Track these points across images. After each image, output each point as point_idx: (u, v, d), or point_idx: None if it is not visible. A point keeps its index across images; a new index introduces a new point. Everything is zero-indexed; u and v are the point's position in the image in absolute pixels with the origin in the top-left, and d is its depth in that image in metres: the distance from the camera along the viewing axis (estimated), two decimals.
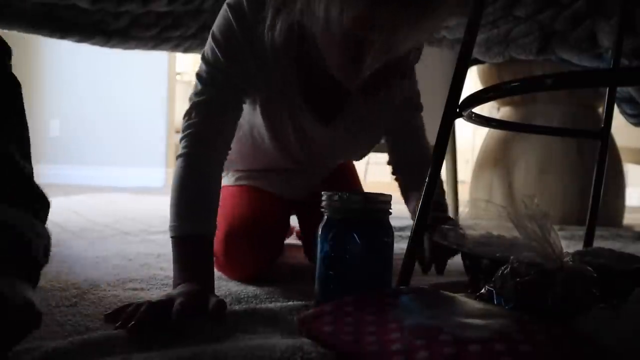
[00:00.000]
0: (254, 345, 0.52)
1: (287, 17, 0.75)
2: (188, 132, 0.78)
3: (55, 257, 0.83)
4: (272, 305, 0.71)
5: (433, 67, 2.07)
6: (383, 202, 0.70)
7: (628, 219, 2.30)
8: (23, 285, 0.49)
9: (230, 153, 0.83)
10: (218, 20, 0.80)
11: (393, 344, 0.49)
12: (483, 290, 0.66)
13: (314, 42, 0.77)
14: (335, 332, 0.54)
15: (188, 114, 0.79)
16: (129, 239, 1.36)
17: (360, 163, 1.10)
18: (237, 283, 0.86)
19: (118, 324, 0.60)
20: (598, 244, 1.06)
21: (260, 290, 0.82)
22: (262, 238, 0.91)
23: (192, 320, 0.61)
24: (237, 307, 0.72)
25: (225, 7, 0.79)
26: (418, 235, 0.75)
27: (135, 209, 2.11)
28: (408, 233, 0.78)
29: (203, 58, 0.81)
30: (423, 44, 0.83)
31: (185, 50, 1.87)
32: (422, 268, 0.90)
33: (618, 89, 1.67)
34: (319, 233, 0.70)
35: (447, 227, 0.83)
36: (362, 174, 1.12)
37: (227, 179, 1.03)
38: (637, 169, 3.58)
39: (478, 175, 2.30)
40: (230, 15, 0.78)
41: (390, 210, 0.71)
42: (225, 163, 0.83)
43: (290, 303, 0.72)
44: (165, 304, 0.63)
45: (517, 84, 0.65)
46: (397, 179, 1.05)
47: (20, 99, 0.80)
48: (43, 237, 0.62)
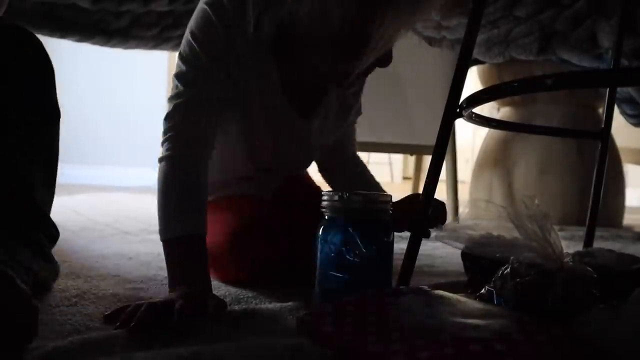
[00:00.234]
0: (254, 345, 0.52)
1: (274, 15, 0.76)
2: (170, 134, 0.76)
3: (55, 256, 0.82)
4: (271, 306, 0.71)
5: (433, 67, 2.09)
6: (383, 202, 0.71)
7: (628, 220, 2.30)
8: None
9: None
10: (196, 19, 0.78)
11: (393, 344, 0.49)
12: (483, 291, 0.66)
13: (301, 39, 0.77)
14: (335, 332, 0.54)
15: (170, 117, 0.77)
16: (129, 239, 1.36)
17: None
18: (236, 284, 0.85)
19: (117, 325, 0.60)
20: (598, 245, 1.06)
21: (260, 291, 0.82)
22: (268, 232, 0.88)
23: (192, 321, 0.61)
24: (236, 307, 0.72)
25: (204, 6, 0.78)
26: (418, 236, 0.75)
27: (136, 209, 2.11)
28: (408, 233, 0.78)
29: (182, 58, 0.78)
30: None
31: None
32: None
33: (618, 90, 1.67)
34: (319, 233, 0.70)
35: (446, 227, 0.83)
36: None
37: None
38: (637, 170, 3.57)
39: (478, 176, 2.30)
40: (210, 12, 0.76)
41: (391, 210, 0.71)
42: None
43: (290, 303, 0.72)
44: (166, 304, 0.63)
45: (517, 84, 0.65)
46: (323, 176, 1.08)
47: (57, 128, 0.81)
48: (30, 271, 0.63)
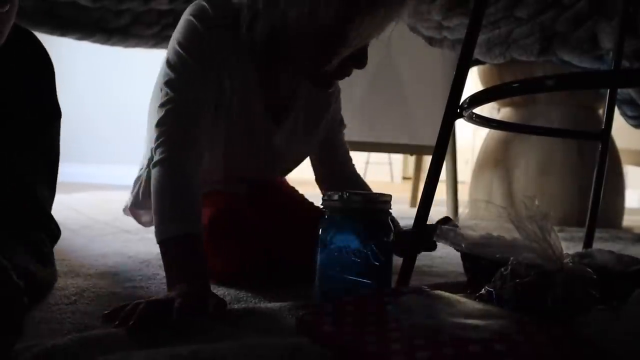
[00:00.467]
0: (254, 345, 0.52)
1: (267, 18, 0.79)
2: (162, 139, 0.77)
3: (55, 254, 0.82)
4: (271, 305, 0.71)
5: (434, 67, 2.09)
6: (383, 202, 0.71)
7: (627, 221, 2.30)
8: None
9: None
10: (181, 29, 0.81)
11: (393, 344, 0.49)
12: (483, 291, 0.66)
13: (287, 41, 0.80)
14: (335, 331, 0.54)
15: (161, 123, 0.78)
16: (129, 237, 1.36)
17: (360, 163, 1.10)
18: (235, 283, 0.85)
19: (116, 323, 0.60)
20: (598, 246, 1.06)
21: (260, 290, 0.82)
22: (245, 224, 0.89)
23: (191, 319, 0.61)
24: (236, 306, 0.72)
25: (188, 17, 0.81)
26: (418, 237, 0.75)
27: None
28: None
29: (170, 66, 0.80)
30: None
31: None
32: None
33: (619, 91, 1.67)
34: (319, 233, 0.70)
35: (446, 227, 0.83)
36: (361, 174, 1.11)
37: None
38: (636, 171, 3.58)
39: (478, 176, 2.30)
40: (195, 20, 0.80)
41: (390, 210, 0.71)
42: None
43: (290, 302, 0.72)
44: (165, 303, 0.62)
45: (518, 85, 0.65)
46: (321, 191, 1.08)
47: (57, 128, 0.81)
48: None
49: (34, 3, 1.57)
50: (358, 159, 1.11)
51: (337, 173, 1.06)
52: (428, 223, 0.77)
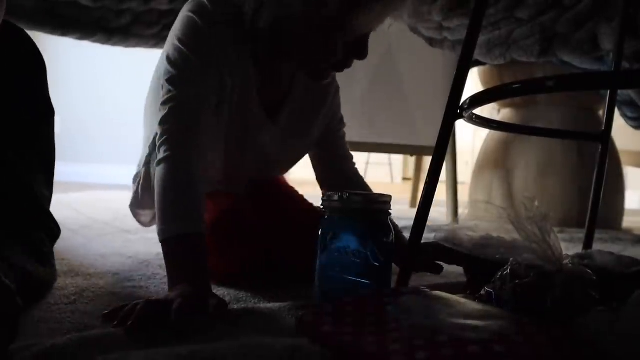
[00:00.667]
0: (253, 345, 0.52)
1: (271, 9, 0.79)
2: (165, 137, 0.77)
3: (54, 254, 0.82)
4: (271, 305, 0.71)
5: (434, 68, 2.09)
6: (383, 202, 0.70)
7: (627, 222, 2.30)
8: None
9: None
10: (181, 25, 0.81)
11: (392, 344, 0.49)
12: (482, 292, 0.66)
13: (289, 31, 0.81)
14: (335, 332, 0.54)
15: (164, 120, 0.78)
16: (128, 237, 1.36)
17: (360, 163, 1.09)
18: (235, 283, 0.85)
19: (115, 323, 0.60)
20: (597, 247, 1.06)
21: (260, 290, 0.82)
22: (245, 224, 0.89)
23: (190, 320, 0.61)
24: (236, 306, 0.72)
25: (187, 14, 0.81)
26: (417, 237, 0.75)
27: None
28: (407, 234, 0.78)
29: (171, 63, 0.80)
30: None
31: None
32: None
33: (619, 92, 1.67)
34: (319, 233, 0.70)
35: (446, 228, 0.83)
36: (361, 175, 1.11)
37: None
38: (636, 172, 3.58)
39: (478, 177, 2.30)
40: (196, 18, 0.80)
41: (390, 211, 0.71)
42: None
43: (290, 303, 0.72)
44: (164, 303, 0.62)
45: (518, 86, 0.65)
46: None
47: (52, 126, 0.80)
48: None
49: (35, 3, 1.56)
50: (358, 160, 1.10)
51: (337, 173, 1.06)
52: (429, 224, 0.76)
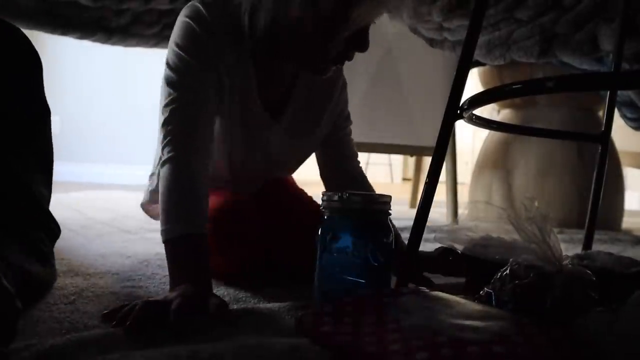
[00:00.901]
0: (253, 345, 0.52)
1: (267, 11, 0.80)
2: (169, 138, 0.78)
3: (54, 254, 0.82)
4: (270, 305, 0.71)
5: (434, 68, 2.09)
6: (383, 202, 0.70)
7: (627, 223, 2.30)
8: None
9: None
10: (179, 32, 0.82)
11: (392, 345, 0.49)
12: (482, 292, 0.66)
13: (287, 29, 0.81)
14: (334, 332, 0.54)
15: (167, 122, 0.79)
16: (128, 237, 1.36)
17: (360, 163, 1.09)
18: (235, 283, 0.85)
19: (114, 323, 0.60)
20: (597, 248, 1.06)
21: (260, 290, 0.82)
22: (246, 224, 0.89)
23: (190, 320, 0.61)
24: (235, 306, 0.72)
25: (184, 19, 0.82)
26: (417, 238, 0.75)
27: (135, 207, 2.10)
28: (407, 234, 0.78)
29: (170, 67, 0.81)
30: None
31: None
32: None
33: (619, 93, 1.67)
34: (319, 233, 0.70)
35: (446, 228, 0.83)
36: None
37: None
38: (636, 173, 3.58)
39: (478, 177, 2.30)
40: (193, 24, 0.81)
41: (390, 211, 0.71)
42: None
43: (289, 303, 0.72)
44: (163, 304, 0.62)
45: (518, 86, 0.65)
46: (326, 188, 1.07)
47: (49, 126, 0.80)
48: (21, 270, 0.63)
49: (35, 4, 1.57)
50: None
51: (341, 170, 1.05)
52: (428, 225, 0.76)
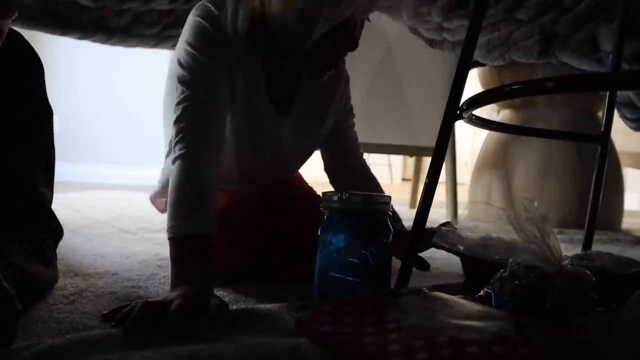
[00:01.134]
0: (252, 345, 0.52)
1: (247, 7, 0.81)
2: (182, 135, 0.79)
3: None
4: (270, 305, 0.71)
5: (434, 69, 2.09)
6: (382, 203, 0.71)
7: (626, 223, 2.30)
8: None
9: None
10: (191, 31, 0.83)
11: (391, 345, 0.49)
12: (482, 293, 0.66)
13: (273, 22, 0.82)
14: (334, 332, 0.54)
15: (180, 119, 0.80)
16: (128, 237, 1.36)
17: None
18: (235, 283, 0.85)
19: (113, 323, 0.60)
20: (597, 248, 1.06)
21: (259, 290, 0.82)
22: (246, 224, 0.90)
23: (189, 320, 0.61)
24: (235, 306, 0.72)
25: (195, 18, 0.83)
26: (417, 238, 0.75)
27: (134, 207, 2.11)
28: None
29: (182, 66, 0.82)
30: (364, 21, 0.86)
31: None
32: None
33: (618, 93, 1.67)
34: (319, 233, 0.70)
35: (446, 229, 0.83)
36: None
37: None
38: (636, 174, 3.58)
39: (477, 178, 2.30)
40: (202, 20, 0.83)
41: (390, 212, 0.71)
42: None
43: (289, 303, 0.72)
44: (162, 304, 0.62)
45: (518, 87, 0.65)
46: (331, 183, 1.08)
47: (51, 126, 0.81)
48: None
49: (37, 4, 1.56)
50: None
51: (344, 164, 1.06)
52: (428, 226, 0.77)
